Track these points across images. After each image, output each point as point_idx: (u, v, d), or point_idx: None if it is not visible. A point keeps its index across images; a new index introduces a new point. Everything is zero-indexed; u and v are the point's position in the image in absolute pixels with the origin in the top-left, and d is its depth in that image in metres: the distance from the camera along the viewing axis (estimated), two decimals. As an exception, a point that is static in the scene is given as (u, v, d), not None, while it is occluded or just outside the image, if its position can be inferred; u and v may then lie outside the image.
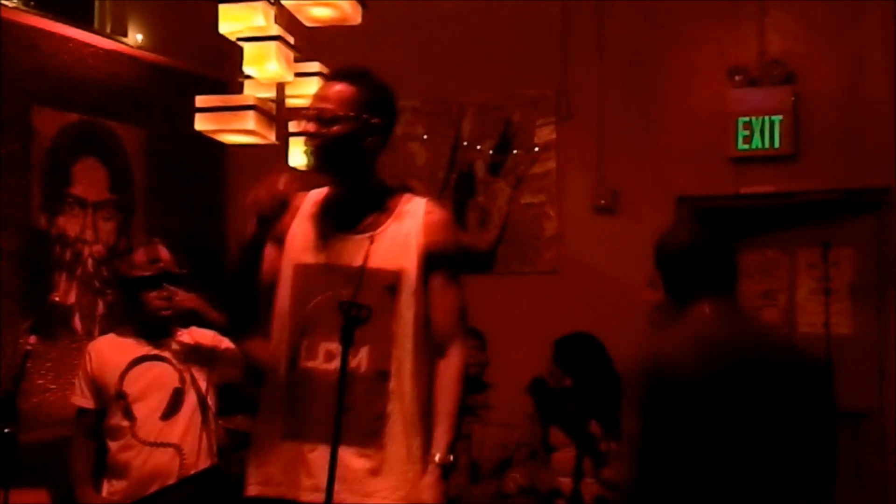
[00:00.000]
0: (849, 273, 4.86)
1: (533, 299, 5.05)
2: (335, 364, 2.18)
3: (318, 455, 2.22)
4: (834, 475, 2.19)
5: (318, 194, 2.41)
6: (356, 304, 2.10)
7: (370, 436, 2.25)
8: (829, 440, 2.19)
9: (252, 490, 2.31)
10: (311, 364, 2.28)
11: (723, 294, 2.22)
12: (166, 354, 3.19)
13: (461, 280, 2.35)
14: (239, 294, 2.31)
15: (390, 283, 2.28)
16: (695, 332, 2.19)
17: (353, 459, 2.23)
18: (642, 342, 2.26)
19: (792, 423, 2.13)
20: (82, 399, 3.22)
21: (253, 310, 2.36)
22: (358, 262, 2.28)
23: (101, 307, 4.55)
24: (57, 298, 4.33)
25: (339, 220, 2.34)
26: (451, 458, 2.25)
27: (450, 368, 2.30)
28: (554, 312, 4.84)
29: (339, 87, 2.31)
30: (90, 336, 4.39)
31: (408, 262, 2.29)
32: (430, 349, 2.31)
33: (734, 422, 2.11)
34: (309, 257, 2.33)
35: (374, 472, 2.24)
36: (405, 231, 2.31)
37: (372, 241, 2.29)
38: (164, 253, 3.24)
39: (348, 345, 2.10)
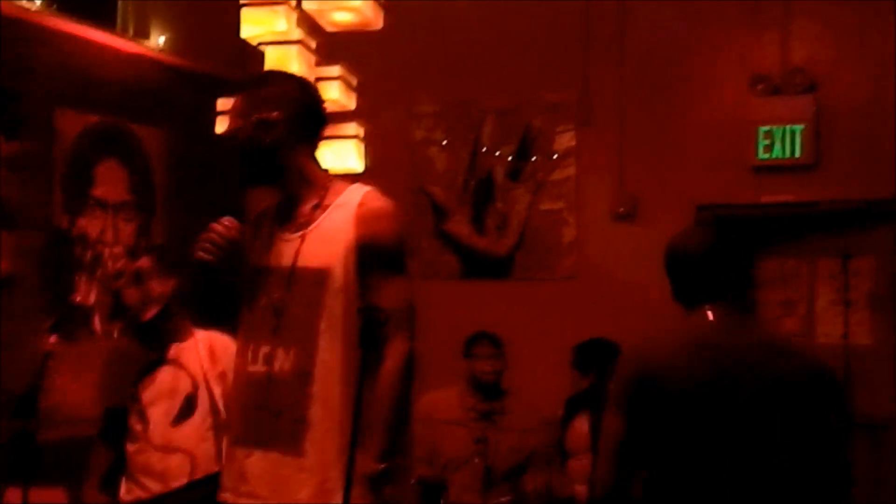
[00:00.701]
0: (869, 283, 4.83)
1: (551, 306, 5.04)
2: (281, 367, 2.21)
3: (253, 461, 2.23)
4: (849, 485, 2.15)
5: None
6: (374, 307, 2.06)
7: (292, 440, 2.19)
8: (842, 450, 2.13)
9: (220, 496, 2.34)
10: (252, 368, 2.27)
11: (730, 301, 2.17)
12: (180, 359, 3.18)
13: (406, 273, 2.24)
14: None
15: (317, 280, 2.22)
16: (693, 337, 2.16)
17: (278, 464, 2.20)
18: (631, 343, 2.23)
19: (798, 433, 2.08)
20: (105, 398, 3.27)
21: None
22: (288, 262, 2.26)
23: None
24: (78, 299, 4.35)
25: (279, 221, 2.35)
26: (381, 467, 2.12)
27: (384, 370, 2.16)
28: (572, 319, 4.83)
29: (229, 103, 2.38)
30: (110, 337, 4.42)
31: (335, 257, 2.22)
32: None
33: (729, 430, 2.06)
34: (254, 260, 2.34)
35: (296, 479, 2.17)
36: (336, 225, 2.25)
37: (303, 239, 2.27)
38: (141, 262, 3.22)
39: (369, 351, 2.05)
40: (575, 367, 4.06)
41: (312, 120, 2.36)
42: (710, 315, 2.15)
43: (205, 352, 3.20)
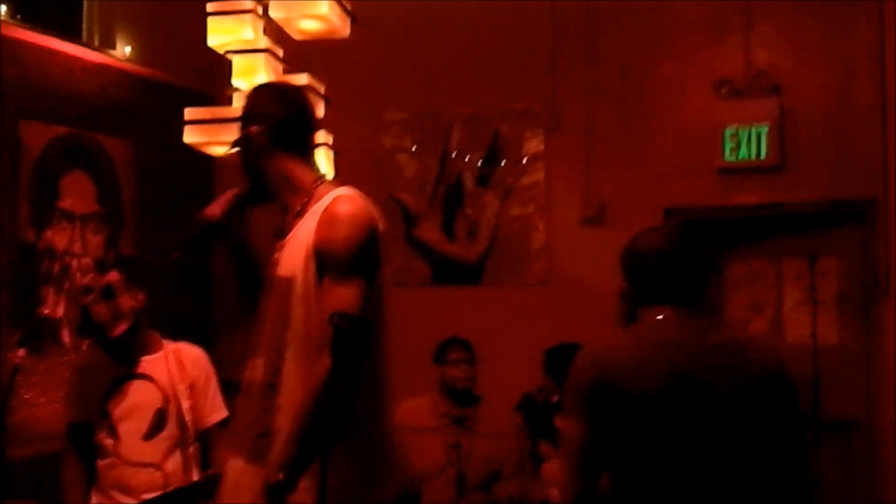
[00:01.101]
0: (835, 284, 4.89)
1: (522, 311, 5.06)
2: (254, 377, 2.24)
3: (227, 468, 2.27)
4: (810, 485, 2.14)
5: None
6: (341, 314, 2.00)
7: (256, 451, 2.20)
8: (800, 449, 2.12)
9: None
10: (245, 377, 2.31)
11: (687, 301, 2.15)
12: (150, 373, 3.17)
13: (355, 281, 2.12)
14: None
15: (286, 289, 2.21)
16: (648, 338, 2.13)
17: (241, 473, 2.22)
18: (584, 347, 2.19)
19: (754, 434, 2.06)
20: (71, 414, 3.23)
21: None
22: (272, 272, 2.29)
23: (89, 320, 4.53)
24: (46, 312, 4.31)
25: (277, 232, 2.36)
26: (279, 478, 2.06)
27: (307, 380, 2.11)
28: (543, 324, 4.84)
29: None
30: (78, 350, 4.37)
31: (298, 265, 2.20)
32: None
33: (687, 432, 2.05)
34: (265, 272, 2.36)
35: (259, 491, 2.12)
36: (305, 232, 2.22)
37: (282, 248, 2.28)
38: (109, 276, 3.18)
39: (339, 360, 2.02)
40: (546, 372, 4.07)
41: (293, 127, 2.35)
42: (665, 315, 2.13)
43: (174, 364, 3.20)
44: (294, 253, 2.23)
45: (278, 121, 2.33)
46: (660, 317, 2.14)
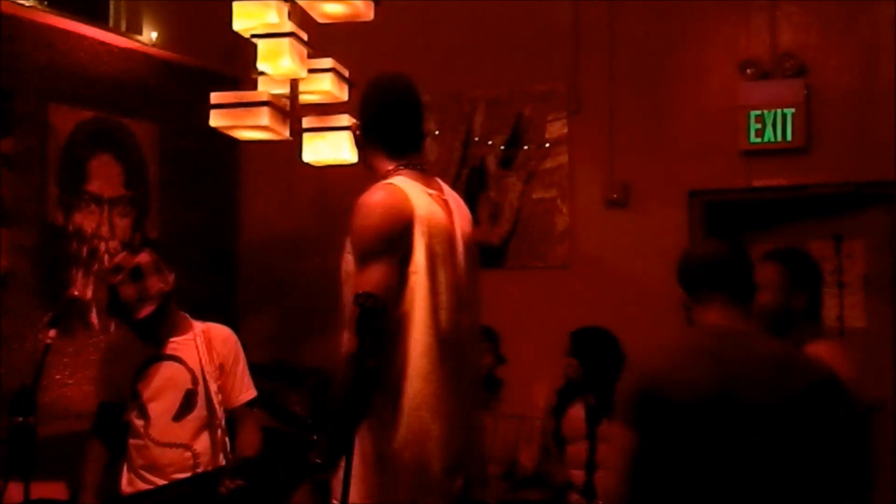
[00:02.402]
0: (862, 266, 4.86)
1: (545, 294, 5.06)
2: None
3: None
4: (869, 491, 2.14)
5: None
6: (364, 294, 2.11)
7: None
8: (859, 456, 2.13)
9: None
10: None
11: (737, 310, 2.18)
12: (180, 354, 3.19)
13: (375, 264, 2.21)
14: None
15: (345, 276, 2.36)
16: (697, 347, 2.15)
17: None
18: (640, 355, 2.23)
19: (808, 444, 2.06)
20: (102, 393, 3.27)
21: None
22: None
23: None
24: (75, 293, 4.37)
25: None
26: (317, 460, 2.21)
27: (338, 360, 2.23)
28: (566, 307, 4.85)
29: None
30: (107, 332, 4.44)
31: (345, 251, 2.35)
32: None
33: (735, 444, 2.05)
34: None
35: None
36: None
37: None
38: (140, 258, 3.18)
39: (364, 339, 2.08)
40: (572, 355, 4.08)
41: (378, 123, 2.44)
42: (716, 322, 2.15)
43: (203, 345, 3.22)
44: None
45: (366, 118, 2.45)
46: (710, 324, 2.17)
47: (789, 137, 4.71)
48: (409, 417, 2.21)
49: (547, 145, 5.16)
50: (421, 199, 2.31)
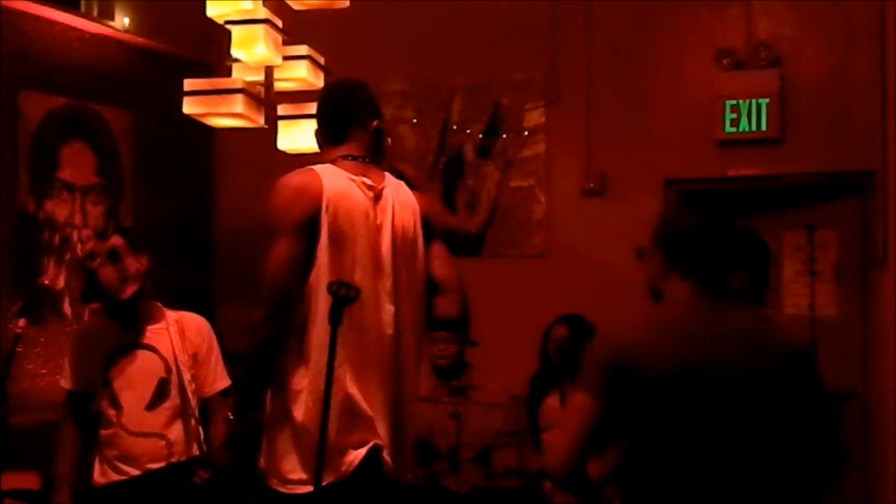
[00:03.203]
0: (834, 255, 4.91)
1: (522, 282, 5.07)
2: None
3: None
4: (842, 465, 2.15)
5: None
6: (342, 283, 2.23)
7: None
8: (830, 430, 2.13)
9: None
10: None
11: (713, 284, 2.16)
12: (153, 342, 3.16)
13: (272, 242, 2.40)
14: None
15: None
16: (669, 323, 2.13)
17: None
18: (607, 332, 2.19)
19: (778, 419, 2.07)
20: (69, 382, 3.22)
21: None
22: None
23: (90, 291, 4.55)
24: (46, 282, 4.32)
25: None
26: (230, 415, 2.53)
27: None
28: (543, 295, 4.87)
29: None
30: (80, 321, 4.40)
31: None
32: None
33: (707, 420, 2.05)
34: None
35: None
36: None
37: None
38: (113, 240, 3.16)
39: (336, 324, 2.18)
40: (566, 339, 4.10)
41: (325, 123, 2.63)
42: (689, 295, 2.14)
43: (176, 334, 3.19)
44: None
45: (319, 122, 2.65)
46: (684, 298, 2.15)
47: (764, 127, 4.74)
48: (310, 385, 2.36)
49: (525, 134, 5.16)
50: (336, 182, 2.44)
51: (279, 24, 3.61)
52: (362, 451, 2.39)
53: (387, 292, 2.46)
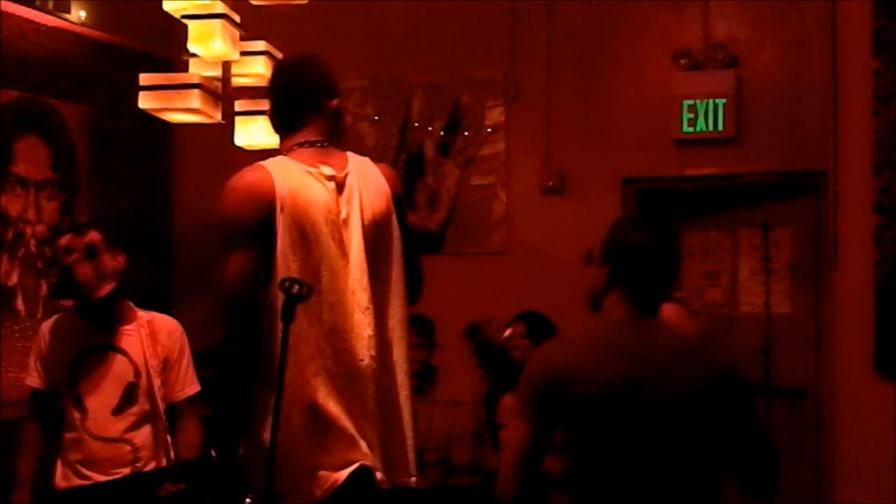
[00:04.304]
0: (788, 254, 4.98)
1: (482, 280, 5.09)
2: None
3: None
4: (773, 455, 2.18)
5: None
6: (294, 280, 2.05)
7: None
8: (757, 446, 2.15)
9: None
10: None
11: (650, 302, 2.16)
12: (121, 344, 3.07)
13: (226, 255, 2.19)
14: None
15: None
16: (598, 338, 2.13)
17: None
18: (541, 347, 2.18)
19: (699, 434, 2.09)
20: (35, 380, 3.12)
21: None
22: None
23: (44, 288, 4.49)
24: (-2, 279, 4.26)
25: None
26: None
27: None
28: (502, 293, 4.88)
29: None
30: (33, 317, 4.34)
31: None
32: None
33: (640, 433, 2.05)
34: None
35: None
36: None
37: None
38: (90, 236, 3.06)
39: (289, 322, 2.04)
40: (525, 337, 4.12)
41: (271, 103, 2.43)
42: (625, 313, 2.12)
43: (147, 337, 3.10)
44: None
45: (272, 106, 2.43)
46: (619, 315, 2.13)
47: (721, 127, 4.80)
48: (281, 403, 2.09)
49: (487, 131, 5.17)
50: (290, 177, 2.22)
51: (237, 19, 3.58)
52: (344, 473, 2.16)
53: (363, 289, 2.23)
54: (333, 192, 2.26)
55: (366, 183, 2.31)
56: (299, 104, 2.35)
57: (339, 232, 2.24)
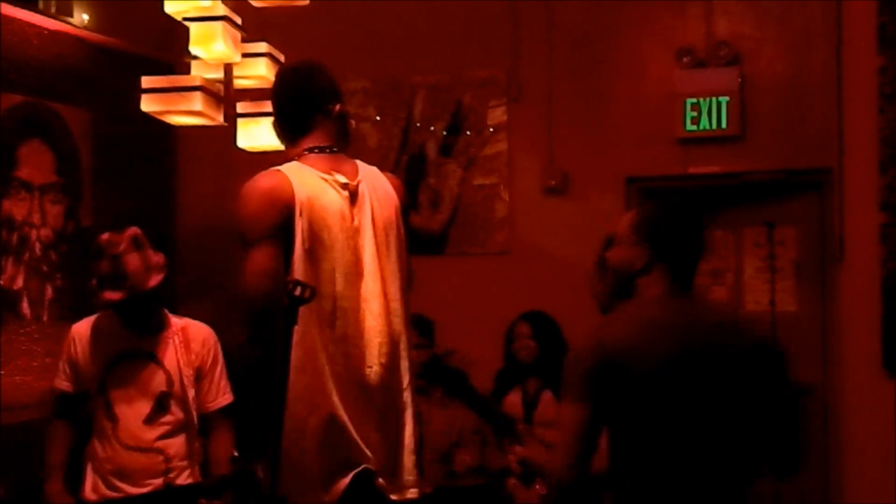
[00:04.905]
0: (793, 251, 4.97)
1: (484, 280, 5.08)
2: None
3: None
4: (801, 460, 2.22)
5: None
6: (297, 282, 2.03)
7: None
8: (793, 417, 2.19)
9: None
10: None
11: (688, 279, 2.21)
12: (157, 352, 3.02)
13: (244, 253, 2.22)
14: None
15: None
16: (646, 317, 2.16)
17: None
18: (590, 327, 2.20)
19: (752, 406, 2.13)
20: (64, 383, 3.08)
21: None
22: None
23: (49, 292, 4.50)
24: (3, 283, 4.26)
25: None
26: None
27: None
28: (505, 293, 4.87)
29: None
30: (38, 321, 4.34)
31: None
32: None
33: (692, 408, 2.10)
34: None
35: None
36: None
37: None
38: (131, 230, 3.02)
39: (291, 324, 2.02)
40: (531, 338, 4.12)
41: (276, 109, 2.45)
42: (665, 291, 2.16)
43: (181, 345, 3.06)
44: None
45: (276, 113, 2.45)
46: (658, 293, 2.17)
47: (724, 125, 4.78)
48: (290, 408, 2.08)
49: (489, 131, 5.17)
50: (307, 183, 2.25)
51: (238, 21, 3.59)
52: (348, 478, 2.20)
53: (375, 297, 2.28)
54: (347, 201, 2.30)
55: (376, 192, 2.36)
56: (306, 109, 2.37)
57: (354, 239, 2.29)
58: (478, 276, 5.09)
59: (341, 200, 2.28)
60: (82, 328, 3.10)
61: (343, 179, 2.31)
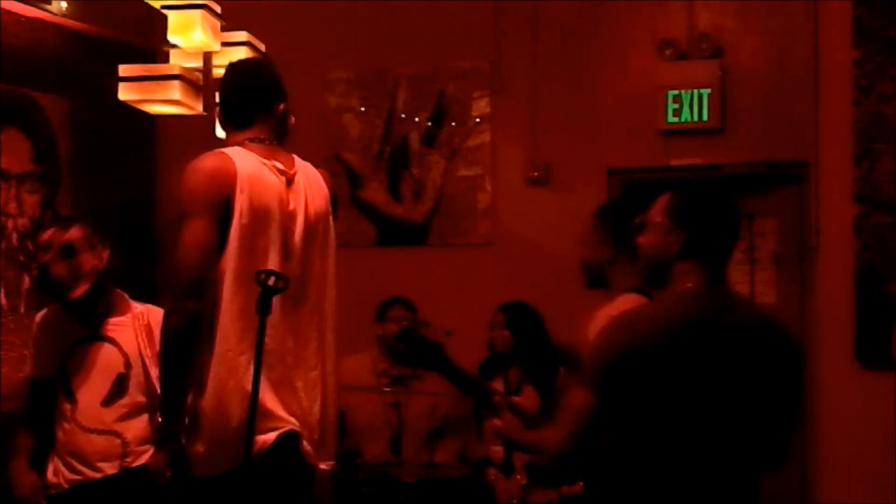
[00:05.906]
0: (773, 243, 5.00)
1: (467, 271, 5.09)
2: None
3: None
4: (782, 461, 2.23)
5: None
6: (270, 272, 2.19)
7: None
8: (798, 416, 2.21)
9: None
10: None
11: (721, 271, 2.17)
12: (114, 335, 3.06)
13: (183, 227, 2.37)
14: None
15: None
16: (671, 311, 2.11)
17: None
18: (613, 316, 2.18)
19: (768, 405, 2.12)
20: (32, 367, 3.14)
21: None
22: None
23: (26, 282, 4.45)
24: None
25: None
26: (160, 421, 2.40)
27: None
28: (488, 284, 4.89)
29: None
30: (15, 311, 4.30)
31: None
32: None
33: (713, 413, 2.07)
34: None
35: None
36: None
37: None
38: (70, 233, 3.07)
39: (265, 314, 2.16)
40: (505, 327, 4.13)
41: (221, 100, 2.63)
42: (698, 283, 2.11)
43: (141, 329, 3.08)
44: None
45: (223, 104, 2.64)
46: (693, 286, 2.11)
47: (705, 117, 4.80)
48: (212, 372, 2.31)
49: (473, 122, 5.16)
50: (249, 165, 2.41)
51: (218, 9, 3.55)
52: (273, 436, 2.35)
53: (297, 279, 2.41)
54: (284, 185, 2.46)
55: (309, 182, 2.54)
56: (250, 105, 2.55)
57: (288, 222, 2.44)
58: (460, 266, 5.09)
59: (280, 184, 2.45)
60: (41, 316, 3.19)
61: (281, 166, 2.48)
